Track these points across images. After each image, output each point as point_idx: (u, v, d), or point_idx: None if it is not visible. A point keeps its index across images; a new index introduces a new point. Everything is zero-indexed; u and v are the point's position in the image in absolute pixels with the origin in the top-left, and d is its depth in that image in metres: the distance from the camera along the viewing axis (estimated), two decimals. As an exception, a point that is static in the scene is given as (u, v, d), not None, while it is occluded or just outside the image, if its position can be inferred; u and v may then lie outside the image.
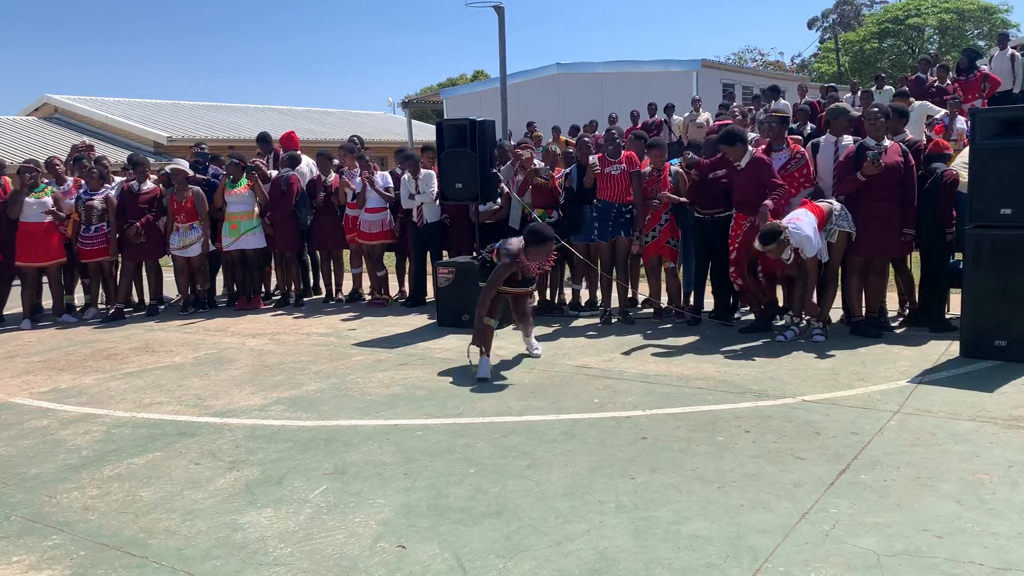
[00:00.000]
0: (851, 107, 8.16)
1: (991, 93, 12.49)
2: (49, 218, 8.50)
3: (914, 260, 6.92)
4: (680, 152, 8.13)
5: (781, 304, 7.26)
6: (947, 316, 6.70)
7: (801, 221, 6.07)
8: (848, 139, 6.71)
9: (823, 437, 4.35)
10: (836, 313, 7.16)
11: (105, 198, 8.85)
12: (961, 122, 10.34)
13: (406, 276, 9.32)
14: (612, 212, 7.35)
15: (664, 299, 7.57)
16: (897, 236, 6.30)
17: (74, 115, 24.89)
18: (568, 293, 8.43)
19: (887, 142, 6.34)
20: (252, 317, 8.71)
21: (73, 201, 8.88)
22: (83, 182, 9.05)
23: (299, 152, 9.58)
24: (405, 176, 8.59)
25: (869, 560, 3.05)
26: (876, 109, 6.51)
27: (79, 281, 9.49)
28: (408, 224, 8.72)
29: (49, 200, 8.56)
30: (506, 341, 7.00)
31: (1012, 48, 13.44)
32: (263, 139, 10.18)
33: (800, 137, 8.07)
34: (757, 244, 6.11)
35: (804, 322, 6.59)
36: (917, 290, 6.80)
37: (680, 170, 7.29)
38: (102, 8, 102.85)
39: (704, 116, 14.80)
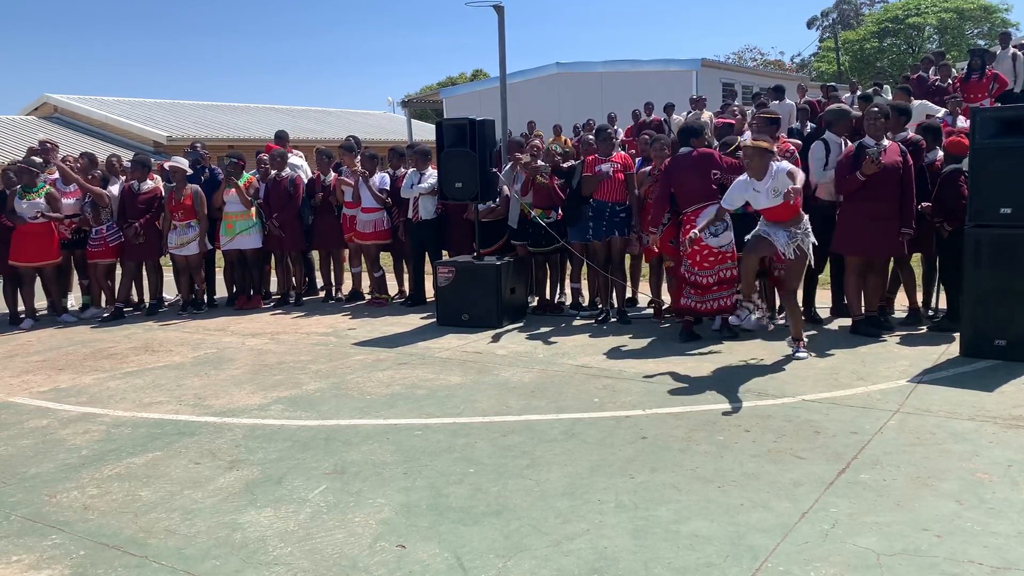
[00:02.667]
0: (851, 107, 8.16)
1: (999, 92, 12.48)
2: (40, 219, 8.41)
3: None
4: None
5: (778, 306, 7.24)
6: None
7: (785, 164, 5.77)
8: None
9: (823, 436, 4.35)
10: (831, 311, 7.17)
11: (97, 194, 8.81)
12: (962, 121, 10.32)
13: (404, 276, 9.33)
14: (606, 212, 7.34)
15: (667, 299, 7.55)
16: (896, 235, 6.29)
17: (74, 114, 24.89)
18: (568, 293, 8.43)
19: (886, 142, 6.34)
20: (252, 316, 8.71)
21: (74, 202, 8.85)
22: None
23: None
24: (411, 170, 8.62)
25: (869, 560, 3.05)
26: (876, 109, 6.51)
27: (76, 282, 9.48)
28: (407, 224, 8.72)
29: (42, 202, 8.46)
30: (505, 340, 7.00)
31: (1014, 47, 13.42)
32: (280, 137, 10.45)
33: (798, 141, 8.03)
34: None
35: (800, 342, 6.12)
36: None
37: None
38: (102, 8, 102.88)
39: (706, 115, 14.79)
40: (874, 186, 6.20)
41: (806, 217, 5.90)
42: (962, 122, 10.22)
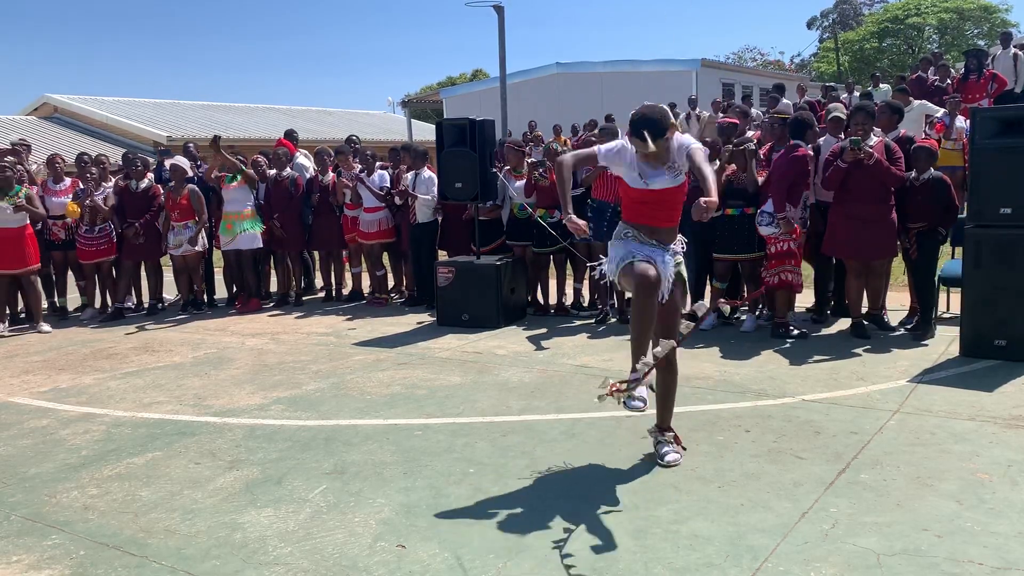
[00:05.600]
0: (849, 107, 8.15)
1: (998, 92, 12.47)
2: (14, 224, 8.10)
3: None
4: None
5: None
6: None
7: None
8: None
9: (823, 437, 4.35)
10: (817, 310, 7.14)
11: (105, 197, 8.82)
12: (961, 121, 10.32)
13: (403, 276, 9.34)
14: (608, 212, 7.33)
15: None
16: (879, 238, 6.24)
17: (74, 115, 24.87)
18: (569, 293, 8.43)
19: (874, 139, 6.29)
20: (252, 316, 8.71)
21: (69, 199, 8.81)
22: (79, 183, 9.03)
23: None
24: (409, 174, 8.60)
25: (869, 560, 3.05)
26: (862, 108, 6.49)
27: (74, 282, 9.45)
28: (404, 224, 8.73)
29: (22, 200, 8.13)
30: (504, 340, 7.00)
31: (1014, 47, 13.42)
32: (289, 134, 10.58)
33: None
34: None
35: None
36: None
37: None
38: (102, 8, 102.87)
39: (706, 115, 14.78)
40: (858, 187, 6.17)
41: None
42: (961, 122, 10.22)
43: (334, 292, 9.57)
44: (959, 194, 7.22)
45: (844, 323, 6.85)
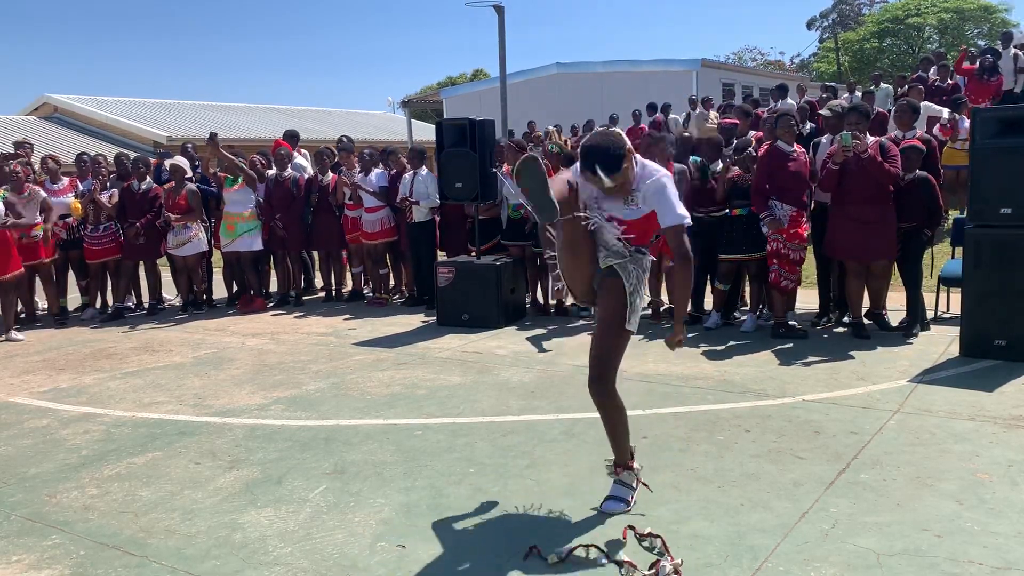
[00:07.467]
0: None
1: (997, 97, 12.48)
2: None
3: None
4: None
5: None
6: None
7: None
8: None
9: (823, 436, 4.35)
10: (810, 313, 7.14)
11: (111, 196, 8.84)
12: (966, 122, 10.32)
13: (403, 276, 9.34)
14: None
15: (664, 298, 7.54)
16: (878, 239, 6.24)
17: (74, 115, 24.88)
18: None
19: (871, 139, 6.28)
20: (252, 316, 8.71)
21: (71, 198, 8.82)
22: (79, 183, 9.04)
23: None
24: (408, 174, 8.60)
25: (869, 560, 3.05)
26: (855, 108, 6.48)
27: (76, 282, 9.45)
28: (402, 223, 8.73)
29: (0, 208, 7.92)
30: (504, 340, 7.00)
31: (1015, 47, 13.41)
32: (291, 135, 10.53)
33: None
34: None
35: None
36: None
37: (685, 167, 7.24)
38: (102, 8, 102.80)
39: (713, 115, 14.75)
40: (856, 189, 6.17)
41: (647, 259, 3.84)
42: (966, 123, 10.22)
43: (334, 292, 9.58)
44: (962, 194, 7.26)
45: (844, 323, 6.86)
